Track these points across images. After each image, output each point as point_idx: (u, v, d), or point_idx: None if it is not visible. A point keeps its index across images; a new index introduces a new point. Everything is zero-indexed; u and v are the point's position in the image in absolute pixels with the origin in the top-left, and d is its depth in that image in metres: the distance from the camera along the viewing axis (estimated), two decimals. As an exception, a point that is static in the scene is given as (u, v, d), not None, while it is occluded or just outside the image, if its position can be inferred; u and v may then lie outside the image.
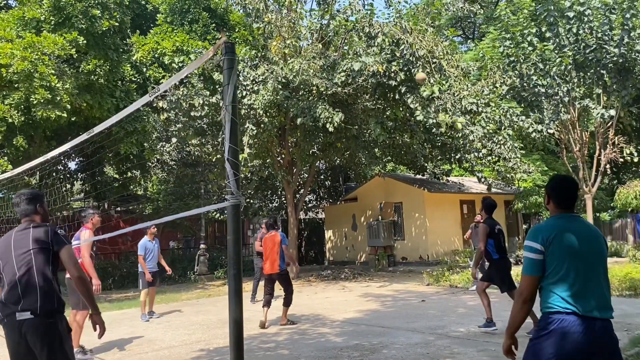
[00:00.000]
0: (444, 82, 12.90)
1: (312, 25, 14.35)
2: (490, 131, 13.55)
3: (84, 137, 4.50)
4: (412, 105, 12.42)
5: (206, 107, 14.05)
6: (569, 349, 2.58)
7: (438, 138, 15.14)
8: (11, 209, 12.12)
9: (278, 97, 13.17)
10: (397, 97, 12.97)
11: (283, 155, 16.61)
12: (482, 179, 16.15)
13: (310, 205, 24.73)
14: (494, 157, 14.40)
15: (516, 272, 6.62)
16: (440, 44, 13.47)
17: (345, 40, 14.44)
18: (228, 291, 3.05)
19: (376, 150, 16.42)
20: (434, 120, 12.42)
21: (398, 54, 12.41)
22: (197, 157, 19.35)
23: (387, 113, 14.47)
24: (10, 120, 11.42)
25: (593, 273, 2.70)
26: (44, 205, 3.63)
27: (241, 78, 13.53)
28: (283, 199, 20.87)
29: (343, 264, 20.93)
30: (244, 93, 13.46)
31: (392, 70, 12.31)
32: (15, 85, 11.68)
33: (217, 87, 14.22)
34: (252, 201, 21.55)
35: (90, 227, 7.02)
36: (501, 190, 20.25)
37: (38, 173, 13.85)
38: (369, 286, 13.92)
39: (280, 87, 13.06)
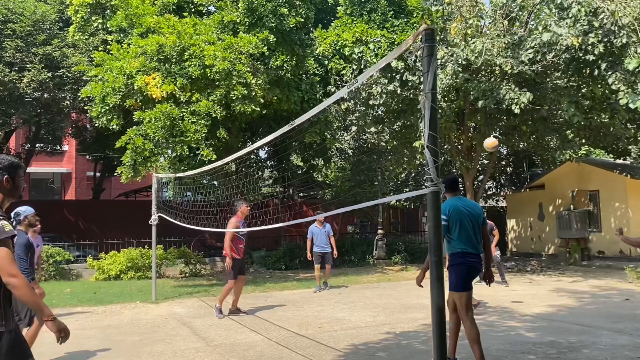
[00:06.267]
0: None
1: (496, 0, 13.51)
2: None
3: (286, 128, 4.87)
4: (614, 87, 11.02)
5: (384, 95, 14.21)
6: None
7: (646, 117, 13.22)
8: (215, 194, 13.74)
9: (458, 80, 12.80)
10: (595, 73, 11.62)
11: (461, 141, 16.06)
12: None
13: (490, 192, 23.57)
14: None
15: None
16: (651, 8, 11.64)
17: (533, 14, 13.33)
18: (430, 277, 3.05)
19: (568, 132, 14.94)
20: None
21: (597, 24, 11.05)
22: (372, 145, 19.72)
23: (583, 91, 13.05)
24: (213, 115, 12.86)
25: None
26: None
27: (418, 64, 13.35)
28: (461, 186, 20.26)
29: (528, 256, 19.61)
30: (421, 79, 13.25)
31: (589, 42, 11.04)
32: (217, 84, 13.08)
33: (394, 74, 14.22)
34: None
35: (240, 216, 8.62)
36: None
37: (234, 163, 15.33)
38: (560, 281, 12.85)
39: (460, 69, 12.63)
